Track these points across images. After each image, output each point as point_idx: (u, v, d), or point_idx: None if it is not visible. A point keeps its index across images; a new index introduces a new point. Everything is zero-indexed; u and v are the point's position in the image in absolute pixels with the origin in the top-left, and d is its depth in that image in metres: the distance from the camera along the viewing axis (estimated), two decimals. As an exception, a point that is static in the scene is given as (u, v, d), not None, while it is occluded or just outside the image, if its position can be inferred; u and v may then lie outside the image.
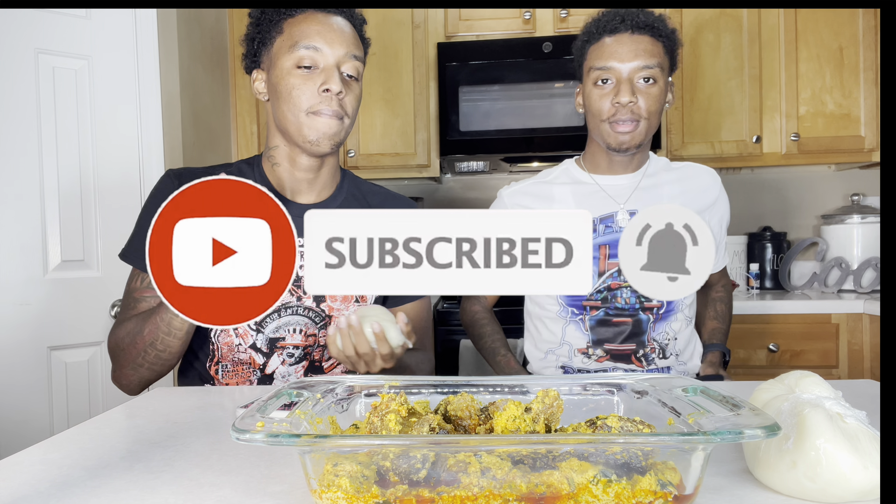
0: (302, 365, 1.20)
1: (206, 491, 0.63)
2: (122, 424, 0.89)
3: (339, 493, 0.54)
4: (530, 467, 0.55)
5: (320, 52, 1.12)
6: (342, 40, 1.14)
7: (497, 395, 0.72)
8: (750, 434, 0.52)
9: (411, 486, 0.54)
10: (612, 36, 1.30)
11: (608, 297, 1.35)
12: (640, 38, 1.29)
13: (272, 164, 1.23)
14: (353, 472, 0.54)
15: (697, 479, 0.55)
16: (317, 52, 1.12)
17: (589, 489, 0.53)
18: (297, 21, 1.15)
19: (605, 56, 1.30)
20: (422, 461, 0.54)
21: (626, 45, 1.29)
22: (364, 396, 0.72)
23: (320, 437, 0.54)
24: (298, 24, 1.14)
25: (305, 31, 1.13)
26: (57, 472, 0.69)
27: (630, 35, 1.29)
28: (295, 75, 1.12)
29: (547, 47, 2.44)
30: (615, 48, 1.29)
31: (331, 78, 1.12)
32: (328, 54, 1.12)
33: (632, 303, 1.35)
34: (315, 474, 0.55)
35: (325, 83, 1.11)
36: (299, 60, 1.12)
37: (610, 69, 1.29)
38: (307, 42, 1.12)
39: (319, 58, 1.12)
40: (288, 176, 1.22)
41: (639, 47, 1.28)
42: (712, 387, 0.65)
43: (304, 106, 1.12)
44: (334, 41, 1.13)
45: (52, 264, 1.84)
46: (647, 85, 1.29)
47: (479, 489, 0.53)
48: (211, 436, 0.81)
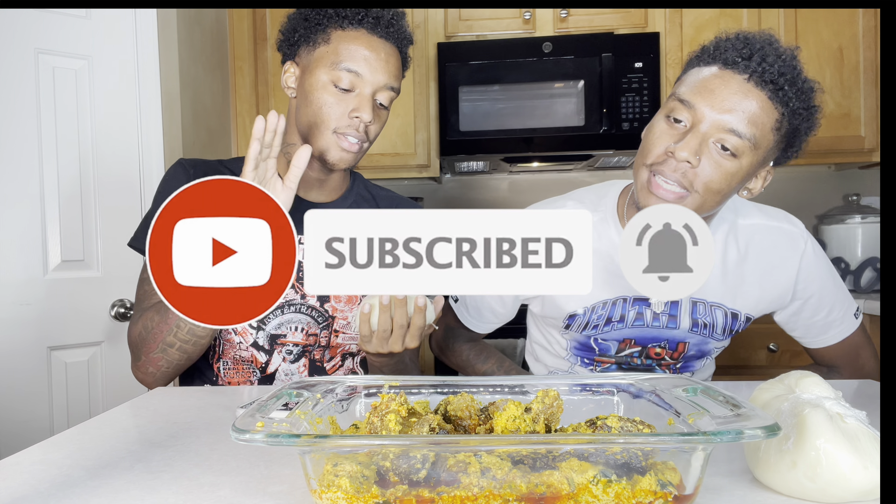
0: (303, 363, 1.21)
1: (205, 491, 0.63)
2: (122, 424, 0.89)
3: (339, 494, 0.54)
4: (530, 467, 0.55)
5: (360, 78, 1.10)
6: (386, 70, 1.11)
7: (497, 395, 0.72)
8: (750, 434, 0.52)
9: (411, 487, 0.54)
10: (725, 69, 0.96)
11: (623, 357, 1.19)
12: (752, 91, 0.94)
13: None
14: (353, 473, 0.54)
15: (697, 479, 0.55)
16: (357, 77, 1.10)
17: (589, 489, 0.53)
18: (348, 37, 1.11)
19: (699, 92, 0.96)
20: (422, 461, 0.54)
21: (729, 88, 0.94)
22: (364, 396, 0.72)
23: (320, 437, 0.54)
24: (347, 40, 1.11)
25: (352, 53, 1.10)
26: (57, 472, 0.69)
27: (744, 82, 0.94)
28: (330, 92, 1.10)
29: (547, 47, 2.44)
30: (715, 86, 0.95)
31: (363, 106, 1.10)
32: (368, 82, 1.10)
33: (647, 363, 1.19)
34: (315, 474, 0.55)
35: (357, 110, 1.10)
36: (337, 80, 1.10)
37: (693, 109, 0.96)
38: (350, 65, 1.10)
39: (358, 82, 1.10)
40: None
41: (744, 101, 0.94)
42: (711, 387, 0.65)
43: (331, 125, 1.11)
44: (377, 70, 1.10)
45: (52, 264, 1.84)
46: (724, 155, 0.95)
47: (479, 489, 0.53)
48: (211, 436, 0.81)
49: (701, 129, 0.95)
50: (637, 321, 1.13)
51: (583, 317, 1.15)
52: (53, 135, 1.83)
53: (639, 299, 1.12)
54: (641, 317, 1.12)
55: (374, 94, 1.12)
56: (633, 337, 1.15)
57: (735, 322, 1.14)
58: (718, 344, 1.19)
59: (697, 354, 1.20)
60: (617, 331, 1.15)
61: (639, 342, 1.15)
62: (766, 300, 1.14)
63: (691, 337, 1.14)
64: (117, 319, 1.92)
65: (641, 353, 1.19)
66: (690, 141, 0.95)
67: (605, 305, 1.13)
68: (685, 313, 1.12)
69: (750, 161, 0.97)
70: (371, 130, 1.14)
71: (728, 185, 0.98)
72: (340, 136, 1.12)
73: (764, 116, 0.95)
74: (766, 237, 1.12)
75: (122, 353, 1.95)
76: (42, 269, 1.82)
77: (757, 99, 0.94)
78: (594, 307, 1.13)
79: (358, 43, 1.11)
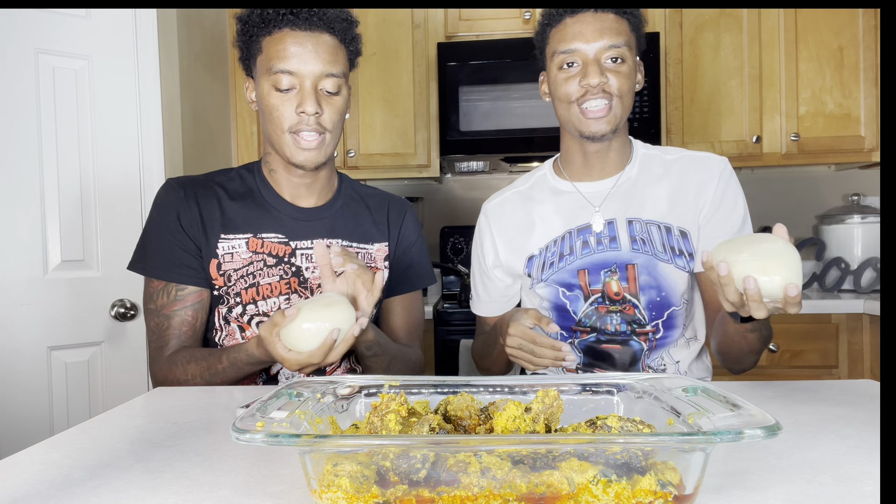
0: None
1: (205, 491, 0.63)
2: (122, 424, 0.89)
3: (339, 493, 0.54)
4: (530, 467, 0.55)
5: (296, 75, 1.13)
6: (318, 59, 1.13)
7: (497, 395, 0.72)
8: (750, 434, 0.52)
9: (411, 486, 0.54)
10: (574, 16, 1.20)
11: (597, 323, 1.26)
12: (603, 17, 1.20)
13: (269, 169, 1.26)
14: (353, 472, 0.54)
15: (697, 479, 0.55)
16: (292, 76, 1.13)
17: (589, 489, 0.53)
18: (275, 40, 1.14)
19: (569, 38, 1.20)
20: (422, 461, 0.54)
21: (590, 25, 1.19)
22: (364, 396, 0.72)
23: (320, 437, 0.54)
24: (276, 43, 1.14)
25: (281, 53, 1.13)
26: (57, 472, 0.69)
27: (593, 14, 1.20)
28: (274, 96, 1.15)
29: (547, 47, 2.43)
30: (579, 28, 1.19)
31: (306, 99, 1.13)
32: (304, 76, 1.13)
33: (622, 329, 1.26)
34: (315, 474, 0.55)
35: (301, 105, 1.13)
36: (277, 83, 1.14)
37: (575, 51, 1.19)
38: (282, 65, 1.13)
39: (296, 80, 1.14)
40: (286, 182, 1.25)
41: (603, 26, 1.19)
42: (711, 387, 0.65)
43: (284, 126, 1.15)
44: (308, 61, 1.13)
45: (52, 264, 1.84)
46: (616, 64, 1.19)
47: (479, 489, 0.53)
48: (211, 436, 0.81)
49: (591, 58, 1.19)
50: (584, 249, 1.27)
51: (539, 257, 1.30)
52: (53, 135, 1.83)
53: (581, 229, 1.28)
54: (587, 244, 1.27)
55: (316, 85, 1.14)
56: (586, 266, 1.27)
57: (670, 236, 1.24)
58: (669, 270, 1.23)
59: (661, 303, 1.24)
60: (570, 264, 1.27)
61: (592, 271, 1.26)
62: (691, 213, 1.25)
63: (636, 256, 1.24)
64: (117, 319, 1.93)
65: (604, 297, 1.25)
66: (591, 70, 1.18)
67: (556, 242, 1.29)
68: (623, 232, 1.25)
69: (633, 59, 1.22)
70: (325, 120, 1.16)
71: (631, 82, 1.21)
72: (296, 137, 1.15)
73: (619, 26, 1.20)
74: (689, 162, 1.29)
75: (122, 353, 1.95)
76: (42, 269, 1.82)
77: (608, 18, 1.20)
78: (547, 245, 1.30)
79: (284, 43, 1.13)
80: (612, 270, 1.25)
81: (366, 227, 1.30)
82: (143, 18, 1.98)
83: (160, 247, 1.18)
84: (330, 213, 1.28)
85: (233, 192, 1.24)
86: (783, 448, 0.73)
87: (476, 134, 2.48)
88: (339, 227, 1.27)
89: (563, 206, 1.31)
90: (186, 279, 1.17)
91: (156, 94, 2.01)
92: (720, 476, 0.65)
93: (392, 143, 2.61)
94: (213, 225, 1.19)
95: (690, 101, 2.52)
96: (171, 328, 1.17)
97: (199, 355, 1.13)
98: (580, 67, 1.20)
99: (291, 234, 1.23)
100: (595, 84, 1.17)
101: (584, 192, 1.30)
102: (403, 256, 1.33)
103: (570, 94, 1.21)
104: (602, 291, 1.26)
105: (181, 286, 1.17)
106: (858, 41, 2.45)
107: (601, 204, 1.28)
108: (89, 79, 1.90)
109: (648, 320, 1.25)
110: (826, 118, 2.48)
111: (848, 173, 2.80)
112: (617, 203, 1.27)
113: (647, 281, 1.24)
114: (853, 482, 0.63)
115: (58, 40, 1.84)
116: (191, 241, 1.18)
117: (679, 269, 1.24)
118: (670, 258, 1.24)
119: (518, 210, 1.35)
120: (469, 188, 2.97)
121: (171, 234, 1.18)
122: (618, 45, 1.18)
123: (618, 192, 1.28)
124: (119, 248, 1.90)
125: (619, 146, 1.28)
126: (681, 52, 2.52)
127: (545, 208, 1.32)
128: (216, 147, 2.48)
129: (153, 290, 1.19)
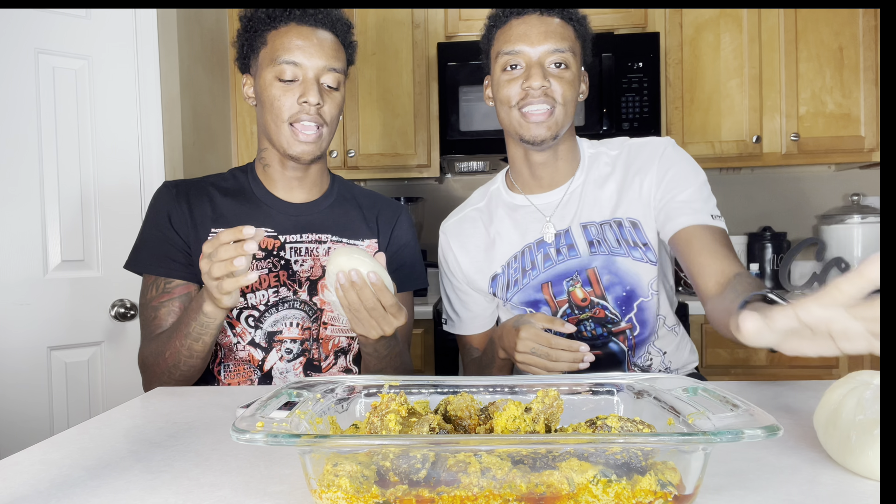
0: (300, 361, 1.24)
1: (205, 491, 0.63)
2: (122, 424, 0.89)
3: (339, 493, 0.54)
4: (530, 467, 0.55)
5: (300, 67, 1.17)
6: (322, 54, 1.18)
7: (497, 395, 0.72)
8: (750, 434, 0.52)
9: (411, 486, 0.54)
10: (520, 18, 1.19)
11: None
12: (549, 20, 1.18)
13: (263, 165, 1.29)
14: (353, 472, 0.54)
15: (697, 479, 0.55)
16: (296, 67, 1.17)
17: (589, 489, 0.53)
18: (280, 34, 1.19)
19: (514, 39, 1.18)
20: (422, 461, 0.54)
21: (536, 27, 1.17)
22: (364, 396, 0.72)
23: (320, 437, 0.54)
24: (281, 37, 1.19)
25: (287, 45, 1.18)
26: (57, 472, 0.69)
27: (539, 17, 1.18)
28: (276, 87, 1.18)
29: (547, 47, 2.43)
30: (524, 30, 1.18)
31: (309, 90, 1.17)
32: (308, 68, 1.18)
33: (599, 332, 1.24)
34: (315, 474, 0.55)
35: (304, 95, 1.17)
36: (280, 73, 1.18)
37: (519, 53, 1.18)
38: (287, 56, 1.17)
39: (299, 71, 1.18)
40: (279, 176, 1.28)
41: (549, 29, 1.17)
42: (711, 387, 0.65)
43: (284, 116, 1.18)
44: (314, 55, 1.18)
45: (52, 264, 1.84)
46: (560, 70, 1.18)
47: (479, 489, 0.53)
48: (211, 436, 0.81)
49: (535, 60, 1.17)
50: (546, 262, 1.26)
51: (503, 275, 1.29)
52: (53, 135, 1.83)
53: (539, 242, 1.27)
54: (549, 257, 1.26)
55: (318, 78, 1.19)
56: (549, 279, 1.25)
57: (622, 230, 1.23)
58: (628, 263, 1.21)
59: (628, 297, 1.23)
60: (533, 279, 1.26)
61: (555, 283, 1.25)
62: (640, 201, 1.23)
63: (594, 259, 1.23)
64: (117, 319, 1.92)
65: (572, 307, 1.24)
66: (534, 72, 1.16)
67: (516, 258, 1.28)
68: (580, 238, 1.24)
69: (577, 67, 1.21)
70: (325, 112, 1.19)
71: (574, 90, 1.20)
72: (296, 129, 1.18)
73: (564, 31, 1.19)
74: (631, 150, 1.27)
75: (122, 353, 1.95)
76: (42, 269, 1.82)
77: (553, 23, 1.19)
78: (508, 262, 1.29)
79: (290, 36, 1.18)
80: (573, 279, 1.25)
81: (356, 224, 1.32)
82: (143, 18, 1.98)
83: (150, 244, 1.23)
84: (320, 208, 1.30)
85: (225, 190, 1.28)
86: (783, 448, 0.73)
87: (476, 134, 2.47)
88: (328, 223, 1.29)
89: (519, 221, 1.30)
90: (174, 273, 1.21)
91: (156, 94, 2.01)
92: (720, 476, 0.65)
93: (392, 143, 2.60)
94: (204, 221, 1.23)
95: (690, 101, 2.52)
96: (158, 318, 1.20)
97: (166, 333, 1.16)
98: (523, 70, 1.19)
99: (281, 228, 1.26)
100: (537, 87, 1.16)
101: (538, 204, 1.29)
102: (395, 257, 1.34)
103: (511, 96, 1.20)
104: (568, 301, 1.25)
105: (169, 280, 1.21)
106: (858, 41, 2.45)
107: (552, 214, 1.27)
108: (89, 79, 1.90)
109: (620, 316, 1.24)
110: (826, 118, 2.48)
111: (848, 173, 2.80)
112: (570, 210, 1.26)
113: (609, 279, 1.23)
114: (853, 482, 0.63)
115: (58, 40, 1.84)
116: (179, 237, 1.22)
117: (637, 260, 1.22)
118: (626, 251, 1.22)
119: (478, 228, 1.33)
120: (469, 188, 2.96)
121: (160, 231, 1.22)
122: (562, 50, 1.17)
123: (570, 200, 1.27)
124: (119, 248, 1.89)
125: (565, 154, 1.27)
126: (681, 52, 2.52)
127: (503, 225, 1.31)
128: (216, 147, 2.48)
129: (146, 285, 1.23)
